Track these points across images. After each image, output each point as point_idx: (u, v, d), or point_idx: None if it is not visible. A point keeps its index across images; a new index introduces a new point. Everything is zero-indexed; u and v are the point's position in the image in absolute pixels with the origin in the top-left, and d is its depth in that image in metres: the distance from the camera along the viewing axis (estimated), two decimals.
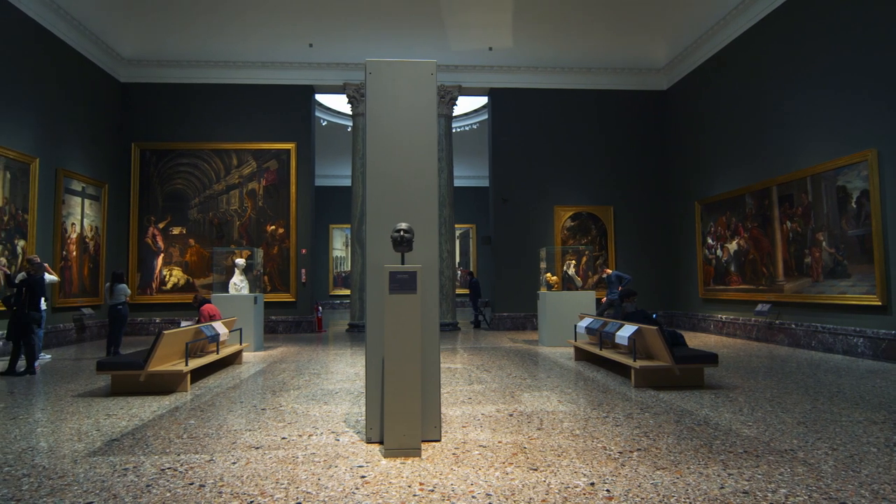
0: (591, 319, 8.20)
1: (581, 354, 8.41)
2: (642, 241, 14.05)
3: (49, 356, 9.10)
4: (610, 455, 3.73)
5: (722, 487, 3.13)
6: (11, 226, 9.52)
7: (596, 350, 7.53)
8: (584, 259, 13.35)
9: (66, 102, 11.27)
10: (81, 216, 11.62)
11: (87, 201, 11.81)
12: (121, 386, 6.06)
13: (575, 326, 8.61)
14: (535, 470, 3.45)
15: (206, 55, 13.13)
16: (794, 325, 9.67)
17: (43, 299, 8.53)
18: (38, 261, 8.51)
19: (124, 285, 9.12)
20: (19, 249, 9.65)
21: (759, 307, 10.45)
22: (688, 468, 3.45)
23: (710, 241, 12.23)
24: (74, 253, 11.37)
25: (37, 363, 7.68)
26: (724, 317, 11.72)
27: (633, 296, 7.91)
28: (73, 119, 11.52)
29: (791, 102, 9.87)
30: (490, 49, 13.00)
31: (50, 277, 8.84)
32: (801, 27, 9.64)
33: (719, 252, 11.88)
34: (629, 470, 3.43)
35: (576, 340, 8.49)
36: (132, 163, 13.23)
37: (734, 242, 11.38)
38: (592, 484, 3.20)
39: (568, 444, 4.00)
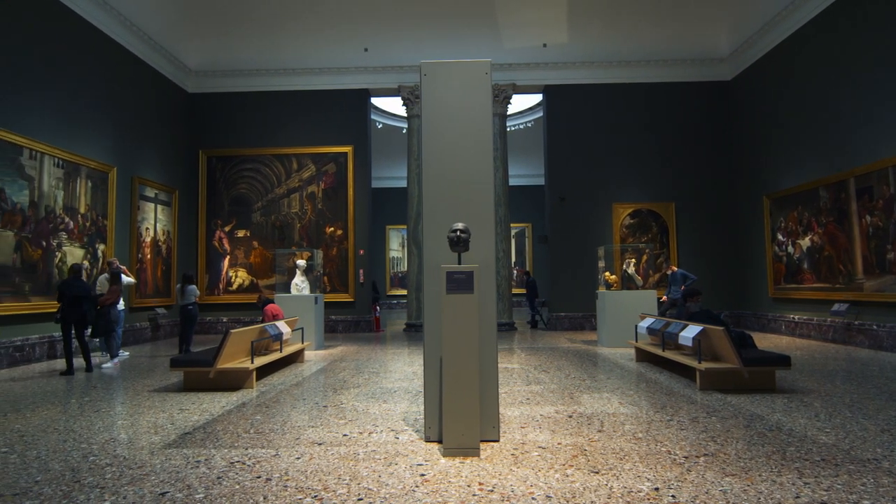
0: (653, 319, 7.97)
1: (642, 356, 8.18)
2: (706, 239, 13.53)
3: (127, 353, 9.65)
4: (675, 460, 3.61)
5: (797, 497, 2.98)
6: (93, 231, 10.18)
7: (658, 351, 7.31)
8: (645, 257, 12.99)
9: (139, 114, 11.94)
10: (154, 221, 12.28)
11: (159, 207, 12.48)
12: (192, 382, 6.36)
13: (636, 327, 8.39)
14: (597, 473, 3.38)
15: (266, 64, 13.60)
16: (875, 326, 9.06)
17: (121, 299, 9.12)
18: (117, 264, 9.09)
19: (194, 286, 9.57)
20: (100, 253, 10.30)
21: (835, 307, 9.85)
22: (759, 475, 3.30)
23: (780, 237, 11.63)
24: (149, 256, 12.03)
25: (110, 363, 8.24)
26: (796, 317, 11.12)
27: (698, 295, 7.63)
28: (147, 129, 12.19)
29: (869, 89, 9.26)
30: (544, 46, 12.85)
31: (127, 279, 9.40)
32: (880, 7, 9.03)
33: (790, 249, 11.28)
34: (696, 476, 3.31)
35: (637, 341, 8.28)
36: (200, 169, 13.87)
37: (807, 238, 10.78)
38: (657, 489, 3.11)
39: (630, 447, 3.90)
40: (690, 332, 6.43)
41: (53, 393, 6.32)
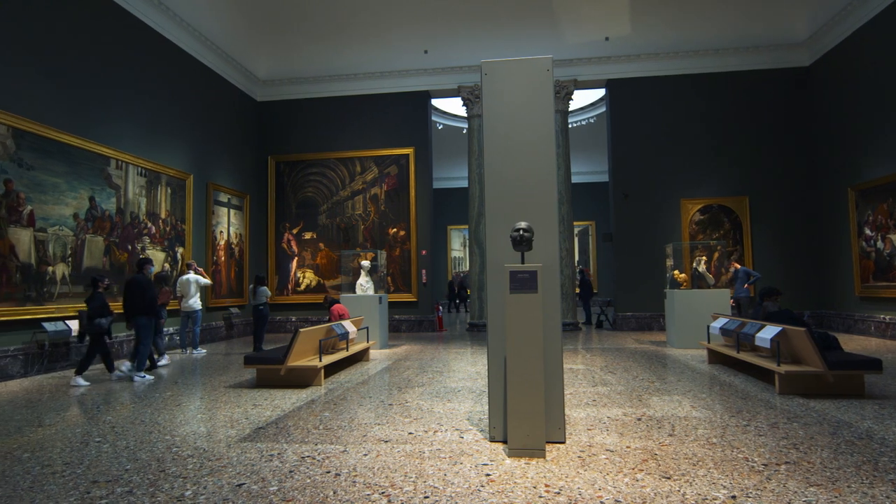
0: (727, 320, 7.61)
1: (715, 357, 7.84)
2: (783, 234, 12.79)
3: (204, 350, 10.17)
4: (753, 467, 3.43)
5: None
6: (172, 235, 10.79)
7: (732, 353, 6.98)
8: (716, 255, 12.44)
9: (213, 123, 12.56)
10: (228, 225, 12.88)
11: (232, 211, 13.08)
12: (264, 379, 6.63)
13: (708, 327, 8.05)
14: (668, 478, 3.26)
15: (330, 70, 13.97)
16: None
17: (197, 297, 9.63)
18: (195, 266, 9.58)
19: (265, 287, 9.97)
20: (179, 256, 10.90)
21: None
22: (848, 486, 3.08)
23: (867, 231, 10.84)
24: (223, 258, 12.62)
25: (160, 361, 8.50)
26: (887, 317, 10.33)
27: (777, 295, 7.21)
28: (220, 137, 12.81)
29: None
30: (606, 39, 12.54)
31: (203, 280, 9.91)
32: None
33: (880, 244, 10.49)
34: (776, 484, 3.13)
35: (709, 342, 7.94)
36: (269, 174, 14.43)
37: None
38: (734, 497, 2.97)
39: (704, 452, 3.75)
40: (768, 332, 6.10)
41: (139, 387, 6.74)
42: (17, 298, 7.52)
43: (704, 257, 11.17)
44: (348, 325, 8.19)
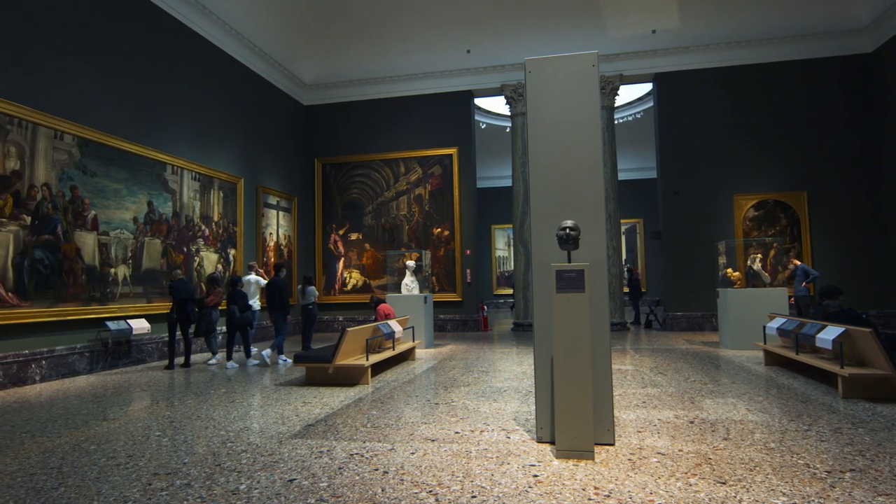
0: (784, 320, 7.31)
1: (772, 359, 7.53)
2: (845, 230, 12.17)
3: (255, 349, 10.44)
4: (815, 474, 3.28)
5: None
6: (225, 237, 11.16)
7: (791, 354, 6.69)
8: (772, 252, 11.95)
9: (262, 128, 12.92)
10: (277, 226, 13.22)
11: (280, 213, 13.42)
12: (313, 377, 6.78)
13: (764, 327, 7.74)
14: (724, 484, 3.16)
15: (373, 73, 14.16)
16: None
17: (257, 298, 9.93)
18: (256, 267, 10.04)
19: (313, 287, 10.15)
20: (231, 257, 11.26)
21: None
22: None
23: None
24: (272, 259, 12.96)
25: (213, 359, 8.84)
26: None
27: (838, 294, 6.87)
28: (268, 141, 13.17)
29: None
30: (653, 32, 12.24)
31: (263, 281, 10.19)
32: None
33: None
34: (841, 493, 2.99)
35: (765, 343, 7.64)
36: (315, 177, 14.74)
37: None
38: None
39: (761, 457, 3.61)
40: (830, 333, 5.82)
41: (196, 384, 7.00)
42: (83, 299, 7.94)
43: (760, 255, 10.75)
44: (394, 325, 8.27)
